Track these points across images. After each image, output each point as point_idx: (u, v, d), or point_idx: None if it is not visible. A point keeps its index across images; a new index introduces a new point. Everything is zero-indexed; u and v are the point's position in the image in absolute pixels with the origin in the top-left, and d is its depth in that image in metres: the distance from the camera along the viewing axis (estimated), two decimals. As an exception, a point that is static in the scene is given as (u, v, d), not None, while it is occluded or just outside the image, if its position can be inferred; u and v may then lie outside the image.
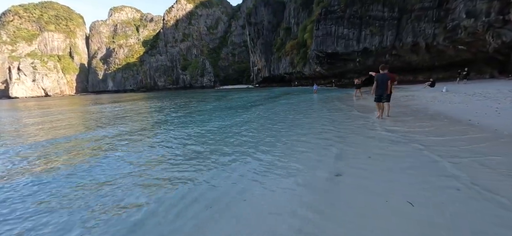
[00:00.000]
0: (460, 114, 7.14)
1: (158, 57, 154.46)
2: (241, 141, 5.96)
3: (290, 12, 74.72)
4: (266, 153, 4.79)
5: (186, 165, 4.38)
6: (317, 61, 43.84)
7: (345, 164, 3.94)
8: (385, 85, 7.18)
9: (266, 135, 6.45)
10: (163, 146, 5.94)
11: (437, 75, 31.78)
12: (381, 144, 4.78)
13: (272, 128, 7.27)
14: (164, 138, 6.90)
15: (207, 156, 4.85)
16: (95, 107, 24.11)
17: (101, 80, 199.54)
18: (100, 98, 51.03)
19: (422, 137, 5.08)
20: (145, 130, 8.51)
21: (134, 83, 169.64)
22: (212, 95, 39.37)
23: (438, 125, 6.02)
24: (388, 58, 36.07)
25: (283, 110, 12.24)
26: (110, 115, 14.87)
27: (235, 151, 5.10)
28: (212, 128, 8.20)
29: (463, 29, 25.23)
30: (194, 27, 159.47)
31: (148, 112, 16.05)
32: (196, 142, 6.19)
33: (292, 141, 5.47)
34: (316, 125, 7.53)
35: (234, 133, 7.06)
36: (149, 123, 10.52)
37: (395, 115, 7.95)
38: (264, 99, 22.43)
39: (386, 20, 34.04)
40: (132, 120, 11.73)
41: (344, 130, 6.30)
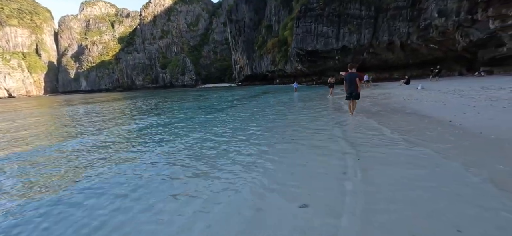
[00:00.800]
0: (439, 113, 6.82)
1: (135, 54, 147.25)
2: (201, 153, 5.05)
3: (271, 9, 74.32)
4: (220, 169, 3.92)
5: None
6: (298, 59, 43.78)
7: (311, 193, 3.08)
8: (354, 83, 7.51)
9: (233, 145, 5.59)
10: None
11: (411, 73, 32.89)
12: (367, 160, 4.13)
13: (243, 134, 6.46)
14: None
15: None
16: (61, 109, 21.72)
17: (73, 79, 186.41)
18: (72, 99, 47.07)
19: (410, 142, 4.53)
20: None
21: (110, 82, 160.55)
22: (191, 95, 37.72)
23: (420, 127, 5.51)
24: (366, 56, 36.82)
25: (258, 112, 11.42)
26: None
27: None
28: (180, 131, 7.20)
29: (434, 28, 26.13)
30: (173, 23, 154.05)
31: (108, 117, 14.48)
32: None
33: (257, 155, 4.62)
34: (288, 130, 6.78)
35: (199, 142, 6.10)
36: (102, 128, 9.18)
37: (376, 116, 7.47)
38: (243, 99, 21.56)
39: (364, 18, 34.60)
40: (81, 127, 10.25)
41: (316, 137, 5.57)
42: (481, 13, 18.98)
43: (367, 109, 9.16)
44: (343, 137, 5.32)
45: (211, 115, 11.22)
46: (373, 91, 18.26)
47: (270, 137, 5.92)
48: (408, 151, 4.07)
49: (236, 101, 19.19)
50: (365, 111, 8.97)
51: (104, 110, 17.91)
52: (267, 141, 5.52)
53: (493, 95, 8.58)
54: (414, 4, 31.35)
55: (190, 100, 25.43)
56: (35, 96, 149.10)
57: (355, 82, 7.51)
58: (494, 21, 18.34)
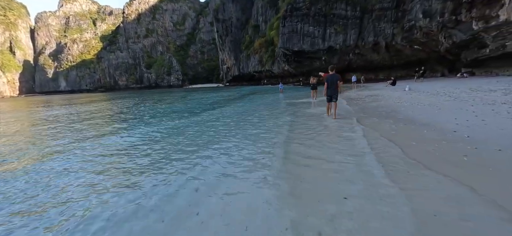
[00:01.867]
0: (438, 120, 5.92)
1: (118, 53, 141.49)
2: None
3: (258, 9, 73.37)
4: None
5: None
6: (285, 59, 43.01)
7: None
8: (335, 85, 7.42)
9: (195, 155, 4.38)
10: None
11: (396, 73, 32.98)
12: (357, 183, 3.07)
13: (212, 142, 5.32)
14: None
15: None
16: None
17: (51, 79, 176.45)
18: (50, 100, 43.52)
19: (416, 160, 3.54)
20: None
21: (91, 82, 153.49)
22: (173, 96, 35.89)
23: (423, 140, 4.53)
24: (352, 56, 36.60)
25: (238, 117, 10.23)
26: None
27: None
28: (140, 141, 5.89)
29: (418, 29, 26.09)
30: (158, 22, 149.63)
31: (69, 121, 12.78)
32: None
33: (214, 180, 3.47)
34: (263, 142, 5.66)
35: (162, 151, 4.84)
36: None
37: (368, 123, 6.49)
38: (225, 101, 20.30)
39: (349, 19, 34.31)
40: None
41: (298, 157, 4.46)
42: (465, 14, 18.87)
43: (356, 114, 8.24)
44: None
45: (183, 120, 9.91)
46: (360, 92, 17.58)
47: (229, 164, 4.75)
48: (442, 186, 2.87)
49: (217, 104, 17.90)
50: (353, 115, 8.03)
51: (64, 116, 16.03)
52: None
53: (487, 97, 7.92)
54: (398, 5, 31.39)
55: (169, 102, 23.83)
56: (9, 97, 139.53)
57: (336, 84, 7.46)
58: (477, 22, 18.24)
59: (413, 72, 27.18)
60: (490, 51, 19.20)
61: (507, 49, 17.77)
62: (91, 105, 23.56)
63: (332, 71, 7.63)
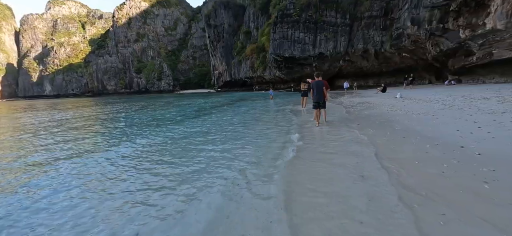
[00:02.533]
0: (439, 132, 5.33)
1: (107, 58, 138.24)
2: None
3: (249, 16, 73.51)
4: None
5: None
6: (276, 65, 42.70)
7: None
8: (321, 91, 7.30)
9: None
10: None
11: (385, 80, 33.16)
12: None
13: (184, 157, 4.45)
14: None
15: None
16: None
17: (35, 83, 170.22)
18: (32, 105, 41.07)
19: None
20: None
21: (78, 87, 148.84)
22: (161, 101, 34.68)
23: (426, 160, 3.82)
24: (342, 63, 36.65)
25: (217, 130, 9.42)
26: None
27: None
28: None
29: (407, 37, 26.29)
30: (150, 27, 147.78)
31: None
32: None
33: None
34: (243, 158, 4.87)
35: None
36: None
37: (368, 134, 5.80)
38: (213, 107, 19.48)
39: (339, 26, 34.45)
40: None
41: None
42: (452, 22, 18.99)
43: (347, 123, 7.59)
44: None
45: (160, 129, 9.04)
46: (352, 99, 17.16)
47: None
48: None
49: (203, 111, 17.06)
50: (345, 123, 7.37)
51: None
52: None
53: (483, 106, 7.47)
54: (386, 14, 31.79)
55: (155, 108, 22.77)
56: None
57: (323, 90, 7.31)
58: (464, 31, 18.36)
59: (402, 79, 27.29)
60: (477, 59, 19.33)
61: (494, 57, 17.91)
62: (61, 114, 22.18)
63: (318, 78, 7.54)
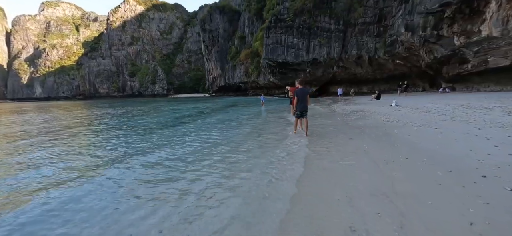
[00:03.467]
0: (446, 151, 4.42)
1: (100, 60, 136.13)
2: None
3: (244, 21, 73.23)
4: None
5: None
6: (269, 70, 41.99)
7: None
8: (305, 100, 6.85)
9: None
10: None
11: (379, 87, 32.70)
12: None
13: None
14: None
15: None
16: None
17: (25, 85, 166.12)
18: (22, 108, 39.26)
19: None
20: None
21: (69, 90, 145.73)
22: (150, 105, 33.42)
23: (442, 197, 2.77)
24: (336, 69, 36.14)
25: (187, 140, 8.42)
26: None
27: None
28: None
29: (400, 44, 25.90)
30: (145, 30, 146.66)
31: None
32: None
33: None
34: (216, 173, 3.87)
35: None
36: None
37: (356, 158, 4.81)
38: (202, 113, 18.47)
39: (333, 32, 34.03)
40: None
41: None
42: (446, 29, 18.54)
43: (338, 136, 6.65)
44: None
45: (132, 138, 7.98)
46: (346, 107, 16.34)
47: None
48: None
49: (190, 117, 16.04)
50: (335, 137, 6.42)
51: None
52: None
53: (489, 118, 6.62)
54: (380, 20, 31.53)
55: (139, 112, 21.59)
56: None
57: (307, 98, 6.86)
58: (459, 38, 17.90)
59: (395, 86, 26.82)
60: (472, 67, 18.87)
61: (489, 65, 17.44)
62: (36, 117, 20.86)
63: (301, 85, 7.05)
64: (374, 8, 31.94)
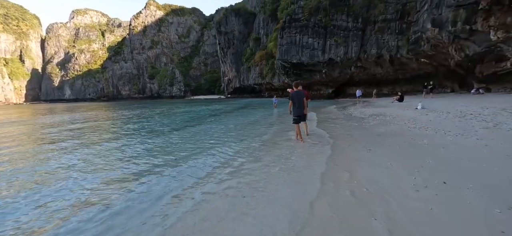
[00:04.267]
0: (498, 173, 3.31)
1: (122, 64, 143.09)
2: None
3: (259, 22, 72.91)
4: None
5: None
6: (283, 72, 41.07)
7: None
8: (302, 104, 6.56)
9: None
10: None
11: (401, 88, 30.48)
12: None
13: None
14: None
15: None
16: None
17: (56, 88, 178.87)
18: (53, 108, 42.11)
19: None
20: None
21: (95, 92, 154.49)
22: (166, 106, 34.03)
23: None
24: (354, 70, 34.38)
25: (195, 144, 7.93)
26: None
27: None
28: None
29: (426, 41, 23.84)
30: (164, 34, 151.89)
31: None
32: None
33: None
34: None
35: None
36: None
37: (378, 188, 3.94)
38: (212, 115, 18.20)
39: (351, 30, 32.41)
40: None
41: None
42: (481, 23, 16.54)
43: (355, 145, 5.72)
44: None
45: (131, 139, 7.69)
46: (363, 109, 15.08)
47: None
48: None
49: (197, 119, 15.77)
50: (352, 145, 5.56)
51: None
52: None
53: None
54: (402, 17, 29.46)
55: (152, 114, 21.86)
56: (13, 104, 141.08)
57: (303, 101, 6.57)
58: (496, 32, 15.87)
59: (420, 87, 24.76)
60: (511, 65, 16.67)
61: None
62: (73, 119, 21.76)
63: (297, 87, 6.73)
64: (396, 4, 29.93)
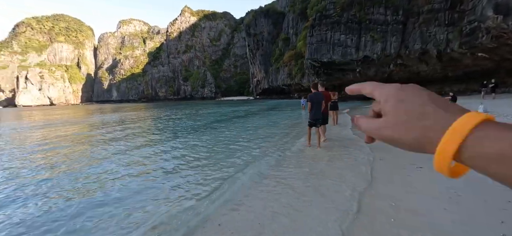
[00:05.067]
0: None
1: (160, 68, 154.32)
2: None
3: (288, 22, 71.61)
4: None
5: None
6: (313, 72, 39.35)
7: None
8: (320, 106, 6.00)
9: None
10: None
11: (451, 88, 26.63)
12: None
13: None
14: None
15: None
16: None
17: (105, 90, 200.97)
18: (103, 109, 47.74)
19: None
20: None
21: (136, 94, 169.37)
22: (194, 108, 35.29)
23: None
24: (393, 68, 31.25)
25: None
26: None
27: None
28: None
29: (485, 32, 20.35)
30: (197, 39, 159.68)
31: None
32: None
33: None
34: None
35: None
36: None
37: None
38: (236, 117, 18.07)
39: (390, 24, 29.50)
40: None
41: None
42: None
43: (400, 161, 4.29)
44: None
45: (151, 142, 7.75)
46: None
47: None
48: None
49: (218, 122, 15.72)
50: (395, 162, 4.52)
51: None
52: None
53: None
54: (454, 6, 25.72)
55: (179, 116, 22.65)
56: (72, 105, 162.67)
57: (321, 105, 5.97)
58: None
59: (475, 86, 21.25)
60: None
61: None
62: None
63: (315, 89, 6.06)
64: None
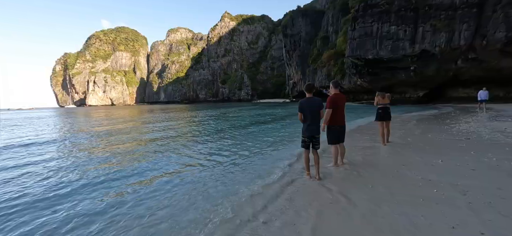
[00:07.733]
0: None
1: (201, 71, 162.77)
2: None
3: (328, 19, 66.50)
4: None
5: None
6: (355, 71, 34.57)
7: None
8: (317, 118, 4.03)
9: None
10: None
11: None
12: None
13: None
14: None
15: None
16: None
17: (155, 92, 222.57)
18: (152, 109, 52.26)
19: None
20: None
21: (180, 95, 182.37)
22: (226, 110, 34.57)
23: None
24: (461, 64, 24.84)
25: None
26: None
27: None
28: None
29: None
30: (235, 43, 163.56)
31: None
32: None
33: None
34: None
35: None
36: None
37: None
38: (262, 123, 16.00)
39: (458, 8, 23.46)
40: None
41: None
42: None
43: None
44: None
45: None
46: (491, 123, 9.12)
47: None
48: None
49: (237, 128, 13.83)
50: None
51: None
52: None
53: None
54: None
55: (207, 119, 21.64)
56: (128, 105, 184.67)
57: (319, 114, 3.99)
58: None
59: None
60: None
61: None
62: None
63: (309, 92, 4.09)
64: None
